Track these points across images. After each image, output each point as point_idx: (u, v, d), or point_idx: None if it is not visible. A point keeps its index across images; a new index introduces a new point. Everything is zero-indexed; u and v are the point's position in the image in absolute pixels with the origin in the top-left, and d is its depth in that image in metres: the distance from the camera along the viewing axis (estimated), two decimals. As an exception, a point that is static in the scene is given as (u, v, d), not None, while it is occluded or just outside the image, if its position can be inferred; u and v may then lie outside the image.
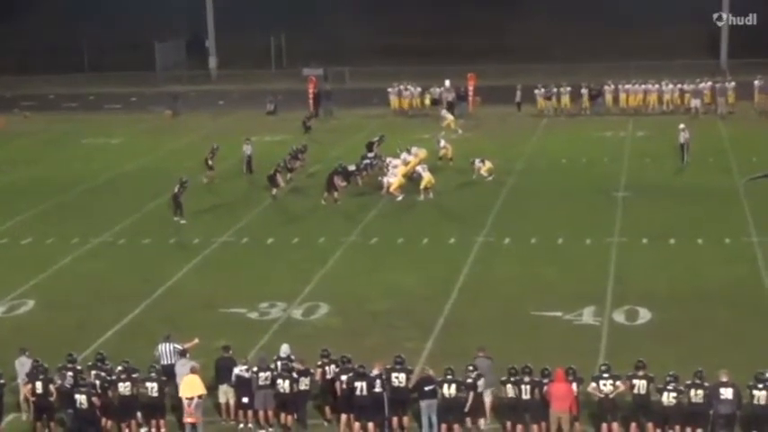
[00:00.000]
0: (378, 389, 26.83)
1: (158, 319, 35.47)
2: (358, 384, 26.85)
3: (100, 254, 43.47)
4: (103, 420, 27.26)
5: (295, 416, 27.51)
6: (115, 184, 55.91)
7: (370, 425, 26.87)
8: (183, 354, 28.61)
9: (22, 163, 61.50)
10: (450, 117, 67.39)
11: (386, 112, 74.53)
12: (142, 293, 37.90)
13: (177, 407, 27.80)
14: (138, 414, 27.43)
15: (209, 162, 54.77)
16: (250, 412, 27.76)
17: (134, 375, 27.55)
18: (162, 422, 27.49)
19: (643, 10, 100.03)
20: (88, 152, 64.80)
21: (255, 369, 27.73)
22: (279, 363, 27.93)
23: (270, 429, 27.61)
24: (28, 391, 27.95)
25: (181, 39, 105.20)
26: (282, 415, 27.54)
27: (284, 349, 28.46)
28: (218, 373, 28.25)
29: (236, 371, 27.80)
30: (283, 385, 27.35)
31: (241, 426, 27.86)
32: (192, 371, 27.54)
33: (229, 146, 58.61)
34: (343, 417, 27.27)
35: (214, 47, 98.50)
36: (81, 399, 26.79)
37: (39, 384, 27.70)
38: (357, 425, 27.01)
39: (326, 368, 27.94)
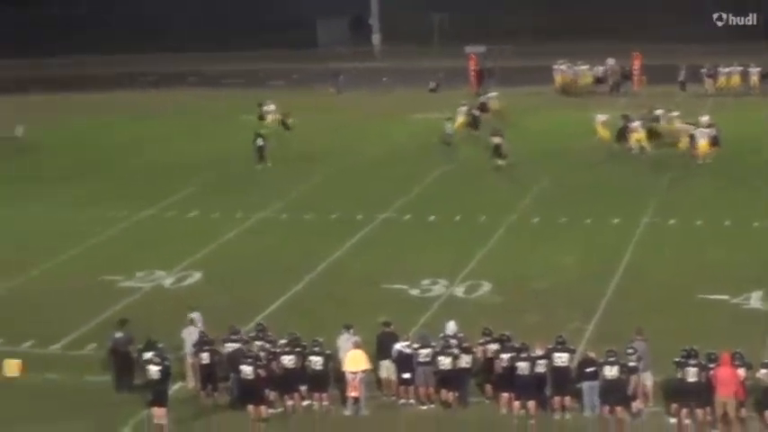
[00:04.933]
0: (540, 368, 26.69)
1: (320, 294, 35.86)
2: (520, 364, 26.75)
3: (264, 229, 44.08)
4: (267, 391, 27.62)
5: (456, 393, 27.52)
6: (275, 159, 56.34)
7: (531, 404, 26.75)
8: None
9: (188, 138, 62.54)
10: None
11: (547, 90, 73.81)
12: (304, 268, 38.28)
13: (339, 380, 28.09)
14: (303, 387, 27.76)
15: None
16: (411, 388, 27.87)
17: (298, 348, 27.87)
18: (324, 395, 27.78)
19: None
20: (249, 128, 65.46)
21: (416, 346, 27.81)
22: (451, 340, 27.87)
23: (430, 406, 27.67)
24: (195, 360, 28.54)
25: (344, 16, 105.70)
26: (443, 392, 27.57)
27: (451, 327, 28.45)
28: (380, 347, 28.38)
29: (398, 346, 27.91)
30: (444, 362, 27.36)
31: (402, 401, 27.97)
32: (355, 345, 27.78)
33: (394, 124, 58.76)
34: (504, 395, 27.19)
35: (377, 24, 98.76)
36: (246, 370, 27.22)
37: (205, 354, 28.25)
38: (517, 403, 26.91)
39: (487, 346, 27.88)
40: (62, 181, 52.92)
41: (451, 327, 28.47)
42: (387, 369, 28.22)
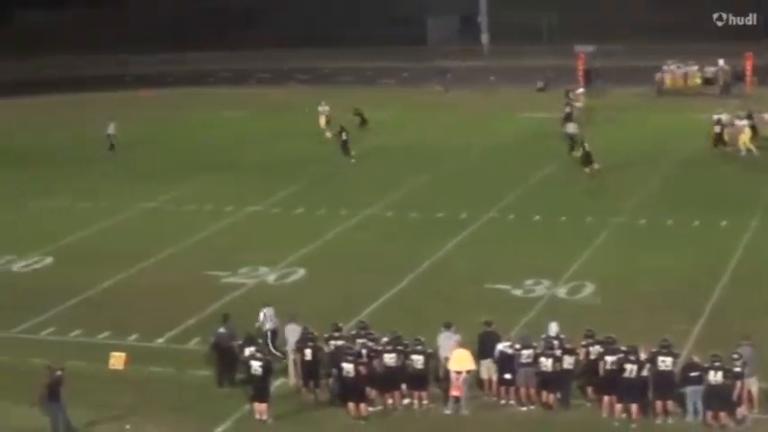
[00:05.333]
0: (645, 372, 26.37)
1: (423, 292, 35.87)
2: (628, 366, 26.43)
3: (368, 226, 44.21)
4: (367, 389, 27.66)
5: (558, 395, 27.32)
6: (384, 156, 56.62)
7: (634, 407, 26.45)
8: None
9: (294, 135, 62.87)
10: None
11: (654, 90, 72.80)
12: (408, 266, 38.31)
13: (439, 378, 28.09)
14: (403, 385, 27.77)
15: None
16: (512, 389, 27.73)
17: (400, 347, 27.88)
18: (424, 394, 27.77)
19: None
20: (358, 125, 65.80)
21: (518, 346, 27.67)
22: (553, 342, 27.72)
23: (531, 407, 27.50)
24: (297, 357, 28.70)
25: (454, 14, 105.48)
26: (544, 393, 27.38)
27: (553, 328, 28.26)
28: (481, 347, 28.28)
29: (500, 347, 27.79)
30: (546, 364, 27.19)
31: (502, 402, 27.85)
32: (458, 344, 27.72)
33: (501, 123, 58.53)
34: (606, 398, 26.93)
35: (486, 23, 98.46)
36: (348, 367, 27.31)
37: (308, 351, 28.39)
38: (619, 406, 26.64)
39: (590, 348, 27.63)
40: (166, 177, 53.60)
41: (554, 328, 28.27)
42: (488, 369, 28.12)
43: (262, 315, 31.18)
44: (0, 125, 70.92)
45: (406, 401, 27.86)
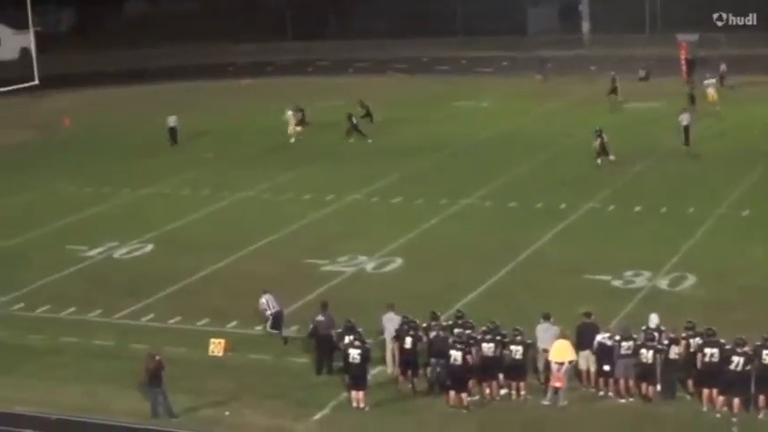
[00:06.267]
0: (748, 366, 25.95)
1: (521, 282, 35.70)
2: (735, 359, 26.00)
3: (467, 216, 44.08)
4: (467, 379, 27.67)
5: (656, 387, 26.99)
6: (483, 146, 56.45)
7: (736, 401, 26.05)
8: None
9: (395, 124, 62.93)
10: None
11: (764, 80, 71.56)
12: (506, 257, 38.14)
13: (536, 369, 27.97)
14: (501, 375, 27.66)
15: None
16: (611, 381, 27.46)
17: (498, 337, 27.76)
18: (522, 384, 27.64)
19: None
20: (458, 115, 65.69)
21: (618, 338, 27.39)
22: (655, 333, 27.33)
23: (629, 399, 27.22)
24: (395, 345, 28.70)
25: (554, 3, 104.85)
26: (643, 386, 27.08)
27: (653, 319, 27.89)
28: (580, 338, 28.04)
29: (599, 338, 27.54)
30: (647, 355, 26.87)
31: (601, 393, 27.60)
32: (559, 335, 27.54)
33: (601, 113, 58.06)
34: (706, 391, 26.55)
35: (587, 11, 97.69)
36: (456, 355, 27.23)
37: (408, 340, 28.36)
38: (721, 399, 26.25)
39: (690, 340, 27.26)
40: (265, 166, 53.97)
41: (654, 319, 27.91)
42: (586, 360, 27.89)
43: (264, 301, 32.04)
44: (106, 115, 72.03)
45: (503, 392, 27.76)
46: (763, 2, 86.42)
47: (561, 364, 27.21)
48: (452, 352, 27.30)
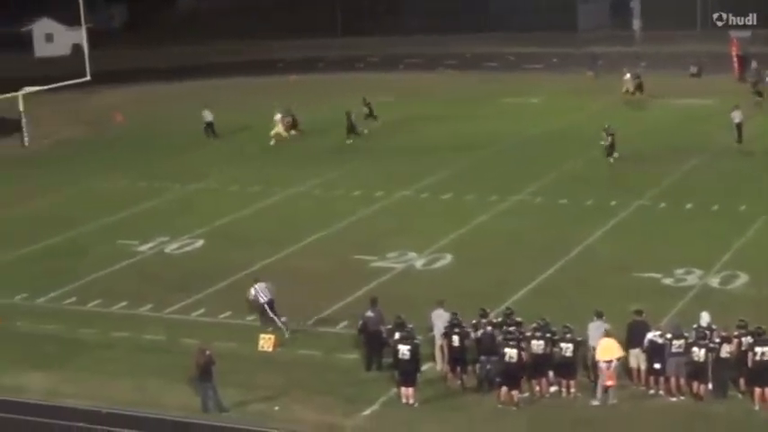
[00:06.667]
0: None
1: (571, 279, 35.57)
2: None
3: (517, 212, 43.98)
4: (516, 377, 27.61)
5: (707, 386, 26.82)
6: (533, 142, 56.24)
7: (788, 401, 25.91)
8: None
9: (441, 120, 62.81)
10: None
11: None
12: (556, 253, 38.02)
13: (587, 367, 27.87)
14: (550, 373, 27.58)
15: None
16: (661, 379, 27.31)
17: (548, 334, 27.68)
18: (572, 382, 27.55)
19: None
20: (508, 111, 65.49)
21: (669, 336, 27.23)
22: (706, 332, 27.16)
23: (680, 398, 27.06)
24: (444, 342, 28.68)
25: (605, 0, 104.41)
26: (694, 384, 26.91)
27: (705, 318, 27.74)
28: (631, 336, 27.92)
29: (650, 336, 27.41)
30: (698, 354, 26.70)
31: (651, 392, 27.46)
32: (606, 333, 27.42)
33: (653, 109, 57.63)
34: (757, 390, 26.36)
35: (639, 8, 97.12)
36: (511, 352, 27.22)
37: (455, 337, 28.36)
38: (773, 399, 26.11)
39: (742, 339, 27.06)
40: (315, 162, 54.02)
41: (705, 318, 27.76)
42: (636, 358, 27.77)
43: (253, 291, 32.49)
44: (157, 111, 72.46)
45: (553, 389, 27.68)
46: (764, 2, 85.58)
47: (609, 362, 27.09)
48: (507, 350, 27.24)
